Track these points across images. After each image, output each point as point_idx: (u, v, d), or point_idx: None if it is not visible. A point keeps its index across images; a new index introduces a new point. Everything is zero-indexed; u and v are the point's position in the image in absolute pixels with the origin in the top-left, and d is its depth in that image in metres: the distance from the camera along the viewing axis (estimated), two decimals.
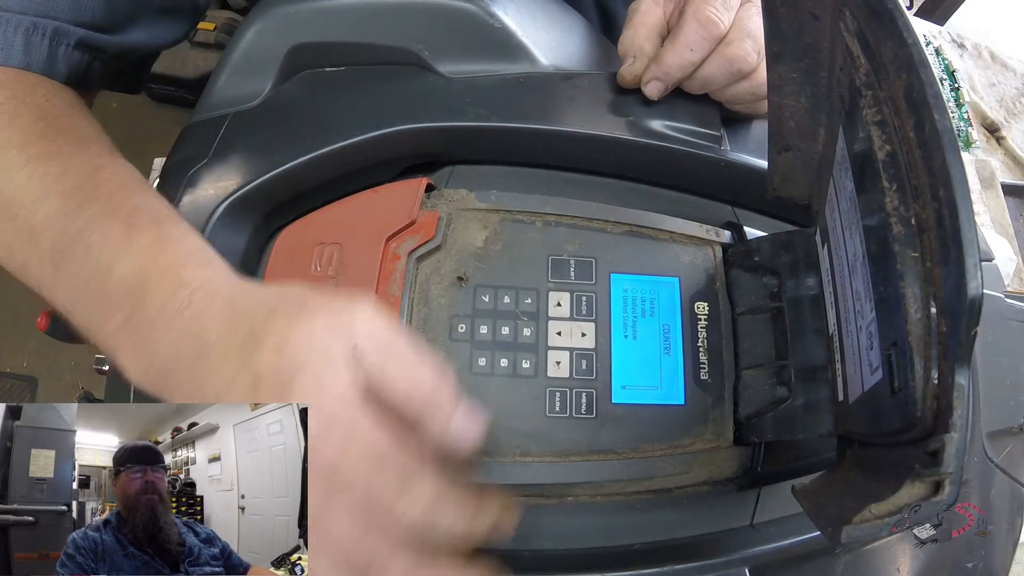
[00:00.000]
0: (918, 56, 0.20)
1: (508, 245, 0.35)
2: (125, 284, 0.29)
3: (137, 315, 0.28)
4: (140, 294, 0.28)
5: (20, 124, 0.34)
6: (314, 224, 0.36)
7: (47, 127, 0.35)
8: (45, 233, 0.31)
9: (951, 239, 0.19)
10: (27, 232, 0.32)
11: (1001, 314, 0.38)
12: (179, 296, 0.28)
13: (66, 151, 0.34)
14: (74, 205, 0.31)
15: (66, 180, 0.32)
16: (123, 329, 0.28)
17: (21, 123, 0.34)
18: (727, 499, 0.34)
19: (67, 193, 0.32)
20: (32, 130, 0.34)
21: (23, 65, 0.37)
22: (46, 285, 0.32)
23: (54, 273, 0.31)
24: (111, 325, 0.29)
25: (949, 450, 0.19)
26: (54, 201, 0.32)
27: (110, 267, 0.29)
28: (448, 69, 0.39)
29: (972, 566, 0.34)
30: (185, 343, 0.27)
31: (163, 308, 0.28)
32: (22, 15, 0.36)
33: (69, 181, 0.32)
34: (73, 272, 0.30)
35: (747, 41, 0.36)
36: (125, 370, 0.28)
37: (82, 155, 0.34)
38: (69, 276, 0.30)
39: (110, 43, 0.40)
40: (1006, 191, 0.80)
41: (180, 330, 0.27)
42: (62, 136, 0.35)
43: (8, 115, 0.34)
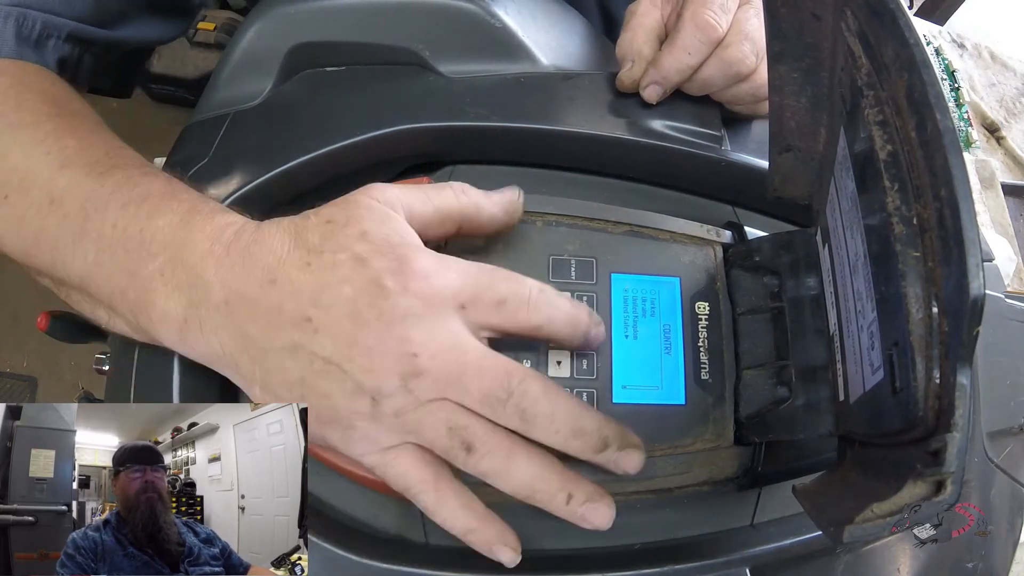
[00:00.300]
0: (920, 56, 0.20)
1: (508, 245, 0.35)
2: (170, 226, 0.28)
3: (184, 252, 0.28)
4: (186, 234, 0.28)
5: (29, 106, 0.34)
6: None
7: (58, 109, 0.34)
8: (69, 195, 0.30)
9: (953, 239, 0.19)
10: (47, 200, 0.31)
11: (1001, 314, 0.38)
12: (228, 232, 0.28)
13: (83, 128, 0.34)
14: (103, 169, 0.31)
15: (88, 153, 0.32)
16: (165, 270, 0.28)
17: (30, 105, 0.34)
18: (727, 499, 0.34)
19: (92, 162, 0.31)
20: (43, 111, 0.34)
21: (15, 56, 0.37)
22: (64, 249, 0.31)
23: (78, 233, 0.30)
24: (149, 268, 0.28)
25: (951, 450, 0.19)
26: (78, 170, 0.31)
27: (151, 215, 0.29)
28: (448, 69, 0.39)
29: (972, 566, 0.34)
30: (252, 264, 0.27)
31: (214, 243, 0.28)
32: (12, 6, 0.36)
33: (91, 154, 0.32)
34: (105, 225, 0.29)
35: (745, 44, 0.36)
36: (165, 315, 0.28)
37: (99, 135, 0.34)
38: (94, 232, 0.29)
39: (101, 37, 0.40)
40: (1006, 191, 0.80)
41: (241, 254, 0.27)
42: (76, 118, 0.34)
43: (15, 99, 0.34)
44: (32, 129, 0.32)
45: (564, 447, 0.28)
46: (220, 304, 0.27)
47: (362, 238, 0.27)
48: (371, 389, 0.26)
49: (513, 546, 0.28)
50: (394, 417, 0.27)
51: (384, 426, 0.27)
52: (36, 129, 0.32)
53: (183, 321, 0.28)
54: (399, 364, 0.26)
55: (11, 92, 0.34)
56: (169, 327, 0.28)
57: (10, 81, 0.35)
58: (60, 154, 0.31)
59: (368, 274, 0.26)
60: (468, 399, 0.27)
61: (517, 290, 0.28)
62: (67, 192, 0.30)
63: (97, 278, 0.30)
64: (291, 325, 0.26)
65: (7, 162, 0.32)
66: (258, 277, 0.27)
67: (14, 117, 0.33)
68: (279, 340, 0.26)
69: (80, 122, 0.34)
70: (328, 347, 0.26)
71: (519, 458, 0.27)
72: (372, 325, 0.26)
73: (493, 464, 0.27)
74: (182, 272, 0.28)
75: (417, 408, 0.27)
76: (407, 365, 0.26)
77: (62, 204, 0.30)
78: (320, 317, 0.26)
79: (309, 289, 0.26)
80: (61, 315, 0.46)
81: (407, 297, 0.26)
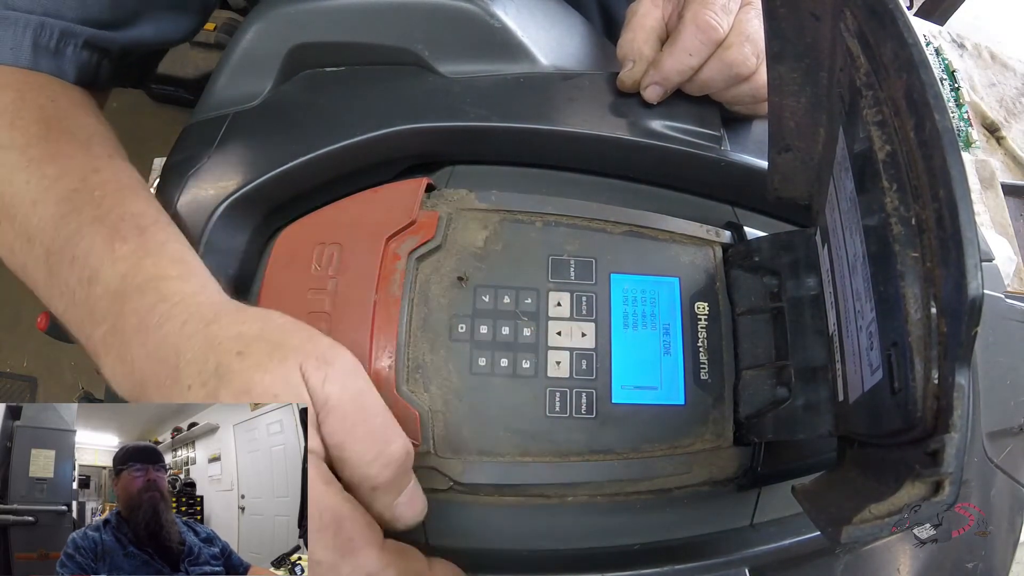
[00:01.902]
0: (918, 56, 0.20)
1: (508, 245, 0.35)
2: (108, 294, 0.29)
3: (119, 325, 0.29)
4: (121, 306, 0.29)
5: (23, 125, 0.34)
6: (314, 224, 0.36)
7: (50, 129, 0.35)
8: (39, 237, 0.32)
9: (951, 239, 0.19)
10: (25, 236, 0.32)
11: (1001, 314, 0.38)
12: (158, 310, 0.28)
13: (66, 152, 0.34)
14: (66, 210, 0.32)
15: (62, 184, 0.33)
16: (107, 339, 0.29)
17: (24, 124, 0.34)
18: (727, 499, 0.34)
19: (61, 198, 0.32)
20: (35, 132, 0.34)
21: (31, 65, 0.37)
22: (41, 289, 0.32)
23: (48, 278, 0.32)
24: (97, 334, 0.29)
25: (949, 450, 0.19)
26: (49, 206, 0.32)
27: (94, 277, 0.30)
28: (448, 69, 0.39)
29: (972, 566, 0.34)
30: (159, 360, 0.27)
31: (142, 322, 0.28)
32: (30, 15, 0.36)
33: (64, 185, 0.33)
34: (62, 279, 0.31)
35: (746, 45, 0.36)
36: (108, 380, 0.29)
37: (82, 157, 0.34)
38: (59, 283, 0.31)
39: (117, 40, 0.40)
40: (1006, 191, 0.80)
41: (155, 346, 0.27)
42: (64, 137, 0.35)
43: (11, 116, 0.35)
44: (19, 153, 0.33)
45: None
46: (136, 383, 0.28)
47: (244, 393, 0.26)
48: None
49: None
50: None
51: None
52: (22, 154, 0.33)
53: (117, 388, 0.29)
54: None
55: (9, 109, 0.35)
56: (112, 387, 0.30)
57: (13, 96, 0.36)
58: (38, 185, 0.32)
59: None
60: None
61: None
62: (37, 234, 0.32)
63: (67, 325, 0.32)
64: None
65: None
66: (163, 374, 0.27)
67: (5, 137, 0.34)
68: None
69: (65, 145, 0.35)
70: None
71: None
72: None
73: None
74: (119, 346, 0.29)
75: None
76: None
77: (34, 246, 0.32)
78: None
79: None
80: None
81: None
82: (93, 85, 0.41)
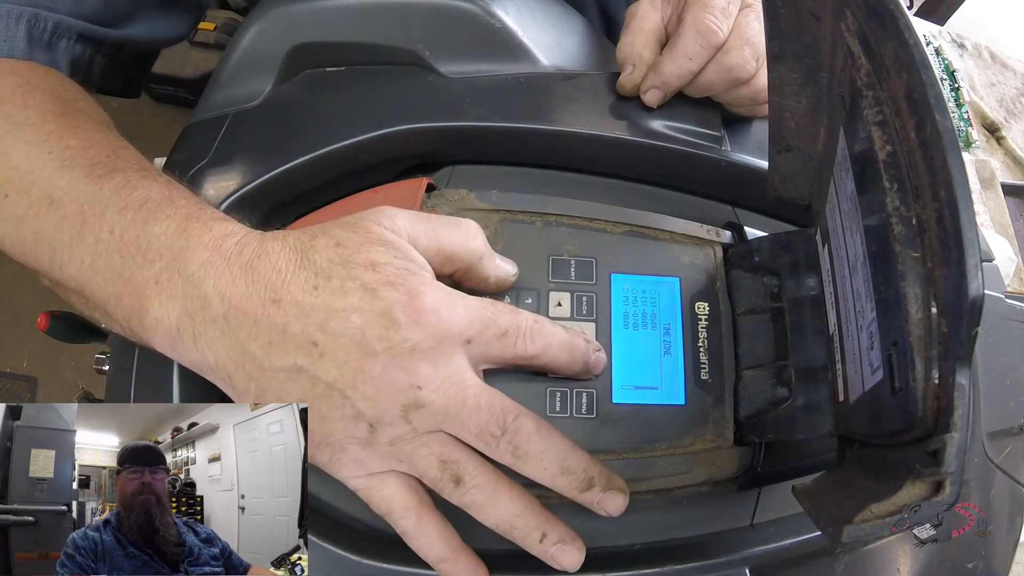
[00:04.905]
0: (919, 56, 0.20)
1: (509, 245, 0.35)
2: (167, 233, 0.28)
3: (181, 260, 0.27)
4: (184, 242, 0.28)
5: (35, 104, 0.34)
6: (314, 224, 0.36)
7: (64, 108, 0.34)
8: (68, 197, 0.30)
9: (952, 239, 0.19)
10: (46, 201, 0.31)
11: (1001, 314, 0.38)
12: (227, 243, 0.28)
13: (88, 128, 0.34)
14: (103, 172, 0.31)
15: (90, 153, 0.32)
16: (160, 277, 0.28)
17: (36, 103, 0.34)
18: (727, 499, 0.34)
19: (92, 163, 0.31)
20: (49, 110, 0.34)
21: (27, 56, 0.37)
22: (61, 251, 0.30)
23: (75, 235, 0.30)
24: (145, 275, 0.28)
25: (950, 450, 0.19)
26: (78, 171, 0.31)
27: (148, 221, 0.29)
28: (448, 69, 0.39)
29: (972, 566, 0.34)
30: (250, 285, 0.27)
31: (213, 254, 0.27)
32: (23, 7, 0.36)
33: (92, 155, 0.32)
34: (103, 230, 0.29)
35: (746, 49, 0.36)
36: (157, 323, 0.28)
37: (103, 136, 0.34)
38: (91, 236, 0.29)
39: (111, 37, 0.40)
40: (1006, 191, 0.80)
41: (239, 272, 0.27)
42: (80, 117, 0.34)
43: (22, 97, 0.34)
44: (35, 128, 0.32)
45: (551, 483, 0.28)
46: (218, 318, 0.27)
47: (372, 267, 0.27)
48: (371, 417, 0.26)
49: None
50: (388, 445, 0.27)
51: (377, 452, 0.27)
52: (39, 128, 0.32)
53: (176, 330, 0.27)
54: (403, 396, 0.26)
55: (18, 91, 0.34)
56: (161, 335, 0.28)
57: (18, 81, 0.35)
58: (62, 154, 0.31)
59: (378, 305, 0.26)
60: (464, 433, 0.27)
61: (516, 321, 0.29)
62: (66, 194, 0.30)
63: (93, 282, 0.30)
64: (295, 348, 0.26)
65: (9, 161, 0.32)
66: (261, 295, 0.26)
67: (19, 116, 0.33)
68: (281, 361, 0.26)
69: (84, 122, 0.34)
70: (332, 373, 0.26)
71: (502, 495, 0.28)
72: (380, 356, 0.26)
73: (478, 498, 0.28)
74: (178, 281, 0.27)
75: (413, 439, 0.27)
76: (410, 397, 0.26)
77: (61, 206, 0.30)
78: (327, 343, 0.26)
79: (316, 314, 0.26)
80: (61, 315, 0.46)
81: (417, 331, 0.26)
82: (86, 82, 0.40)
